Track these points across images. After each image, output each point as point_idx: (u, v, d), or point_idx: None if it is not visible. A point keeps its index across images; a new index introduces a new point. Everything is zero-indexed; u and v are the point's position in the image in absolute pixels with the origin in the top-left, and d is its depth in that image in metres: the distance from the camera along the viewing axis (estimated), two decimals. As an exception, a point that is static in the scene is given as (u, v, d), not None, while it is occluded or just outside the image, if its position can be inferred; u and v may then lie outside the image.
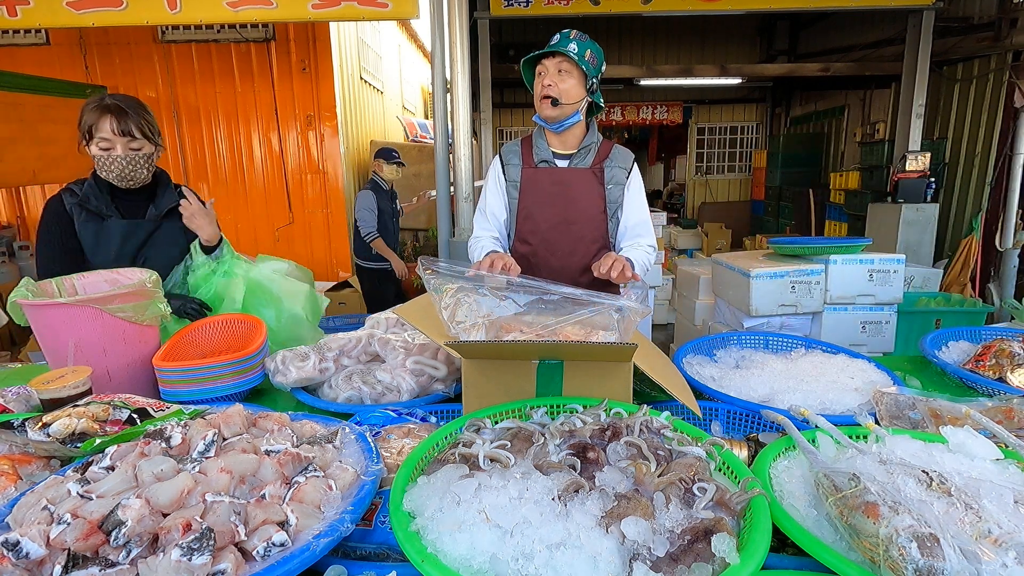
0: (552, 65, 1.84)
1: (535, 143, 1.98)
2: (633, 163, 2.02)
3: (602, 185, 1.97)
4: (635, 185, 2.01)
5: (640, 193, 2.03)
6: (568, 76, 1.84)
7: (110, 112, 1.71)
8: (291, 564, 0.69)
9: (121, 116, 1.72)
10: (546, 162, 1.96)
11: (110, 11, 3.81)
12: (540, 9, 4.70)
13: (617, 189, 1.97)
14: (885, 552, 0.64)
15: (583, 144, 1.95)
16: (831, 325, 3.06)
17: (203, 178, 6.04)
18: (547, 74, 1.84)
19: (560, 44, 1.83)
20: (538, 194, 1.97)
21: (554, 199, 1.96)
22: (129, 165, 1.75)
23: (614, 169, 1.97)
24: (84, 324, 1.33)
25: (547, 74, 1.84)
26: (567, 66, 1.83)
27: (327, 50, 5.70)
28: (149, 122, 1.80)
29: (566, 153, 1.97)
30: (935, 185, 5.40)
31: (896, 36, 5.91)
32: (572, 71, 1.83)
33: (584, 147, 1.96)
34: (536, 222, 1.98)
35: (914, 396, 1.22)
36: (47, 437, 0.97)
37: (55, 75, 5.25)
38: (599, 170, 1.96)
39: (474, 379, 1.14)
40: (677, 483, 0.80)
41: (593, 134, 1.97)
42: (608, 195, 1.97)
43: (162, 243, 1.85)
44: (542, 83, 1.85)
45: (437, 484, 0.81)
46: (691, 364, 1.55)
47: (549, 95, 1.83)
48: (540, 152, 1.96)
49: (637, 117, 9.16)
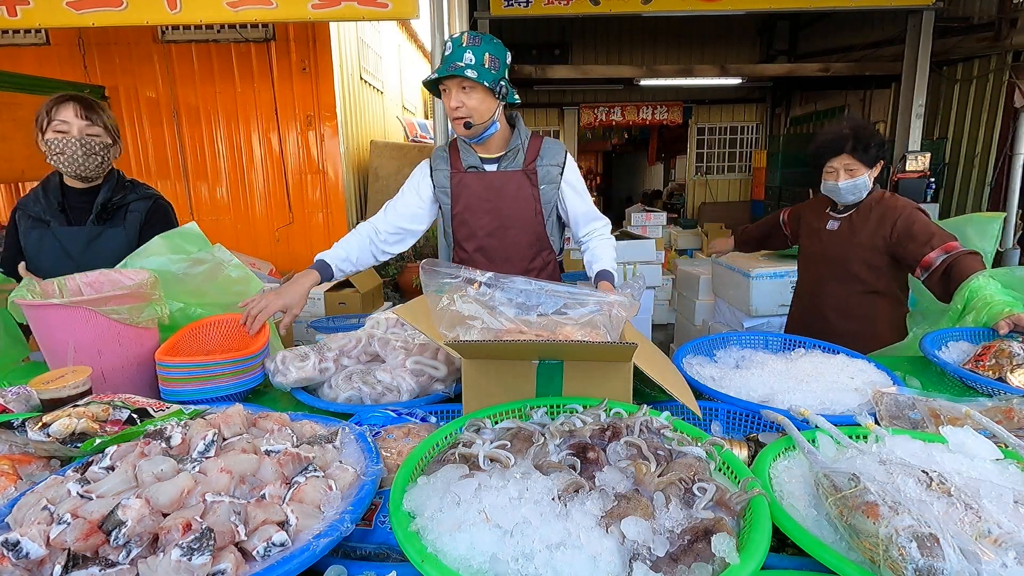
0: (453, 84, 1.75)
1: (461, 148, 1.92)
2: (565, 155, 1.95)
3: (535, 187, 1.91)
4: (571, 177, 1.96)
5: (578, 182, 1.98)
6: (472, 91, 1.75)
7: (74, 100, 1.72)
8: (291, 564, 0.69)
9: (84, 103, 1.74)
10: (474, 167, 1.91)
11: (110, 11, 3.81)
12: (540, 9, 4.70)
13: (551, 188, 1.92)
14: (885, 552, 0.64)
15: (510, 146, 1.90)
16: (831, 325, 3.06)
17: (203, 178, 6.04)
18: (450, 95, 1.76)
19: (454, 58, 1.72)
20: (469, 199, 1.92)
21: (487, 204, 1.92)
22: (82, 149, 1.71)
23: (546, 168, 1.91)
24: (79, 325, 1.33)
25: (450, 95, 1.76)
26: (469, 82, 1.73)
27: (327, 50, 5.70)
28: (111, 118, 1.81)
29: (493, 157, 1.92)
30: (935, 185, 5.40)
31: (896, 36, 5.91)
32: (475, 85, 1.74)
33: (511, 149, 1.90)
34: (471, 228, 1.95)
35: (914, 396, 1.22)
36: (47, 437, 0.97)
37: (55, 75, 5.26)
38: (532, 172, 1.90)
39: (474, 379, 1.14)
40: (677, 483, 0.80)
41: (519, 133, 1.91)
42: (542, 196, 1.92)
43: (104, 250, 1.80)
44: (449, 104, 1.77)
45: (437, 484, 0.81)
46: (691, 364, 1.55)
47: (460, 117, 1.77)
48: (467, 158, 1.91)
49: (637, 117, 9.16)
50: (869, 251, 2.03)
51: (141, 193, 1.92)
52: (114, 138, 1.82)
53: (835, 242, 2.11)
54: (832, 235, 2.12)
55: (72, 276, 1.54)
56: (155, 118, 5.87)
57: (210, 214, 6.06)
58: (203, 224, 1.94)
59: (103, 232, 1.82)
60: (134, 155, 5.91)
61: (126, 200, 1.88)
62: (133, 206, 1.88)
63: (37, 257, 1.79)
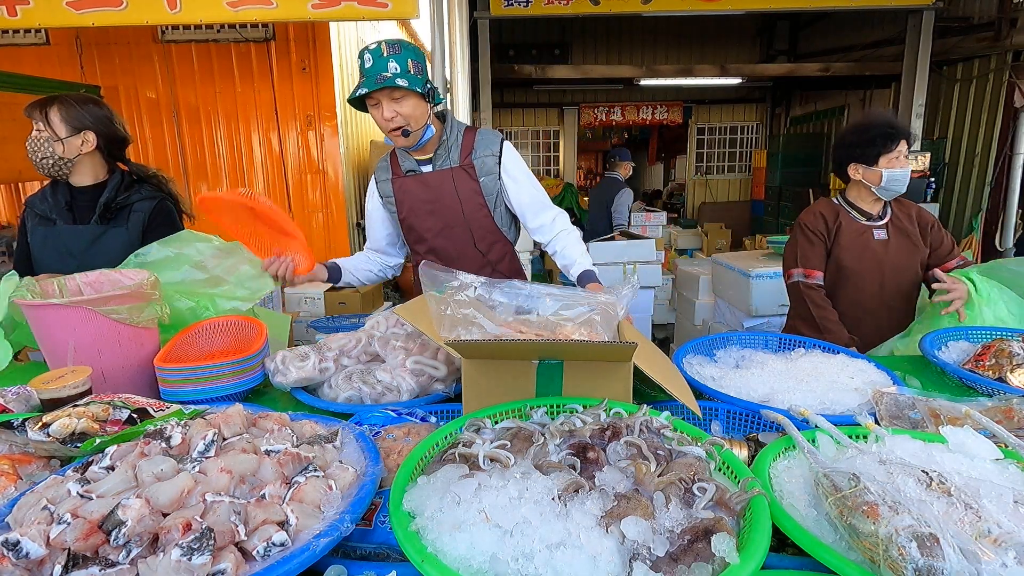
0: (383, 95, 1.72)
1: (399, 154, 1.93)
2: (501, 143, 1.91)
3: (475, 180, 1.89)
4: (510, 164, 1.91)
5: (519, 169, 1.93)
6: (404, 99, 1.73)
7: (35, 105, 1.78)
8: (291, 564, 0.69)
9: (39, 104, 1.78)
10: (412, 171, 1.91)
11: (110, 11, 3.81)
12: (540, 9, 4.70)
13: (491, 179, 1.90)
14: (885, 552, 0.64)
15: (440, 144, 1.89)
16: (831, 325, 3.06)
17: (203, 178, 6.04)
18: (382, 106, 1.73)
19: (378, 69, 1.68)
20: (412, 203, 1.93)
21: (429, 205, 1.92)
22: (31, 152, 1.77)
23: (482, 159, 1.88)
24: (79, 325, 1.33)
25: (382, 106, 1.73)
26: (399, 91, 1.71)
27: (327, 50, 5.70)
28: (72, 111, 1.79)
29: (427, 158, 1.91)
30: (935, 185, 5.40)
31: (896, 36, 5.91)
32: (407, 93, 1.72)
33: (441, 146, 1.89)
34: (419, 232, 1.96)
35: (914, 396, 1.22)
36: (47, 437, 0.97)
37: (55, 75, 5.25)
38: (469, 166, 1.88)
39: (474, 379, 1.14)
40: (677, 483, 0.80)
41: (450, 129, 1.89)
42: (483, 188, 1.90)
43: (106, 249, 1.82)
44: (383, 116, 1.74)
45: (437, 484, 0.82)
46: (691, 364, 1.55)
47: (397, 127, 1.75)
48: (404, 162, 1.92)
49: (637, 117, 9.16)
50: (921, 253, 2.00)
51: (146, 193, 1.92)
52: (74, 130, 1.79)
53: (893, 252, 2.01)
54: (885, 245, 2.01)
55: (72, 276, 1.54)
56: (155, 118, 5.87)
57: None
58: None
59: (106, 232, 1.83)
60: (134, 155, 5.82)
61: (130, 200, 1.88)
62: (137, 206, 1.88)
63: (41, 255, 1.81)
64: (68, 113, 1.78)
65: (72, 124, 1.79)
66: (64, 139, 1.78)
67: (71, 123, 1.78)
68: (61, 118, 1.77)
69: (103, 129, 1.84)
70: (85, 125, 1.80)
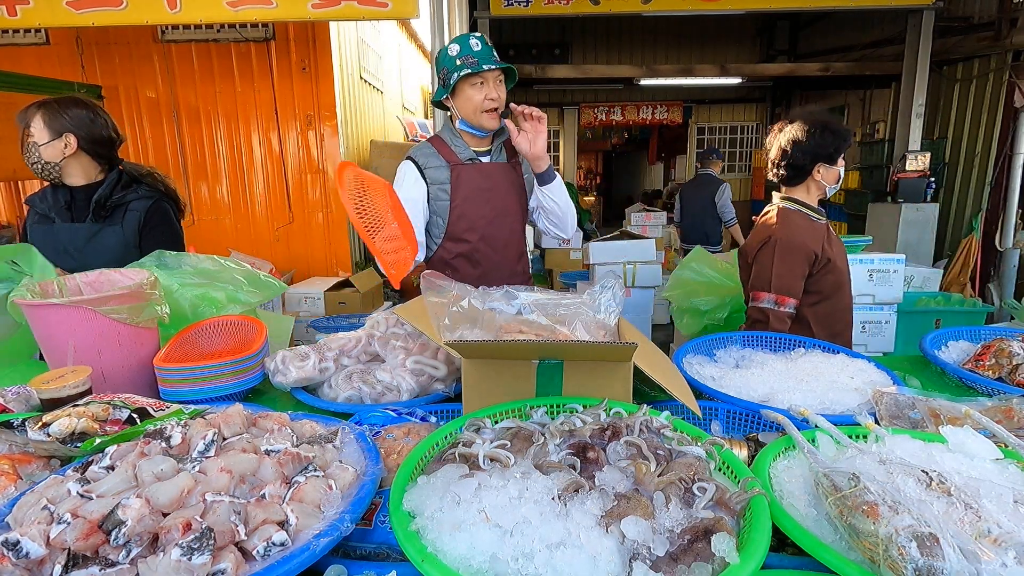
0: (493, 77, 1.88)
1: (451, 143, 1.99)
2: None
3: (521, 176, 2.06)
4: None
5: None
6: (502, 85, 1.92)
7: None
8: (291, 564, 0.69)
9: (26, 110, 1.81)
10: (472, 159, 1.99)
11: (110, 11, 3.81)
12: (540, 9, 4.70)
13: (530, 179, 2.08)
14: (885, 552, 0.64)
15: (498, 139, 2.03)
16: (831, 325, 3.05)
17: (203, 178, 6.04)
18: (489, 86, 1.87)
19: (489, 52, 1.87)
20: (469, 191, 1.98)
21: (487, 194, 2.00)
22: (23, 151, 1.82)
23: (525, 163, 2.06)
24: (79, 325, 1.33)
25: (489, 86, 1.87)
26: (502, 76, 1.91)
27: (327, 50, 5.69)
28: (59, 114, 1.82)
29: (484, 149, 2.02)
30: (935, 185, 5.41)
31: (896, 36, 5.91)
32: (502, 79, 1.92)
33: (497, 141, 2.03)
34: (472, 219, 2.00)
35: (914, 396, 1.22)
36: (47, 437, 0.97)
37: (55, 75, 5.25)
38: (516, 164, 2.06)
39: (474, 379, 1.14)
40: (677, 483, 0.80)
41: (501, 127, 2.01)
42: (527, 184, 2.07)
43: (102, 248, 1.85)
44: (486, 96, 1.87)
45: (437, 484, 0.81)
46: (691, 364, 1.55)
47: (495, 107, 1.89)
48: (463, 151, 1.99)
49: (637, 117, 9.17)
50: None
51: (142, 193, 1.92)
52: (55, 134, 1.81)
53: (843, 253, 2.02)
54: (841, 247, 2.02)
55: (72, 275, 1.55)
56: (155, 118, 5.87)
57: (210, 214, 6.05)
58: (203, 224, 1.96)
59: (101, 230, 1.85)
60: (134, 155, 5.90)
61: (125, 199, 1.89)
62: (133, 205, 1.89)
63: (41, 253, 1.82)
64: (49, 118, 1.81)
65: (53, 128, 1.81)
66: (46, 144, 1.81)
67: (51, 128, 1.81)
68: (43, 124, 1.80)
69: (83, 131, 1.85)
70: (65, 128, 1.82)
